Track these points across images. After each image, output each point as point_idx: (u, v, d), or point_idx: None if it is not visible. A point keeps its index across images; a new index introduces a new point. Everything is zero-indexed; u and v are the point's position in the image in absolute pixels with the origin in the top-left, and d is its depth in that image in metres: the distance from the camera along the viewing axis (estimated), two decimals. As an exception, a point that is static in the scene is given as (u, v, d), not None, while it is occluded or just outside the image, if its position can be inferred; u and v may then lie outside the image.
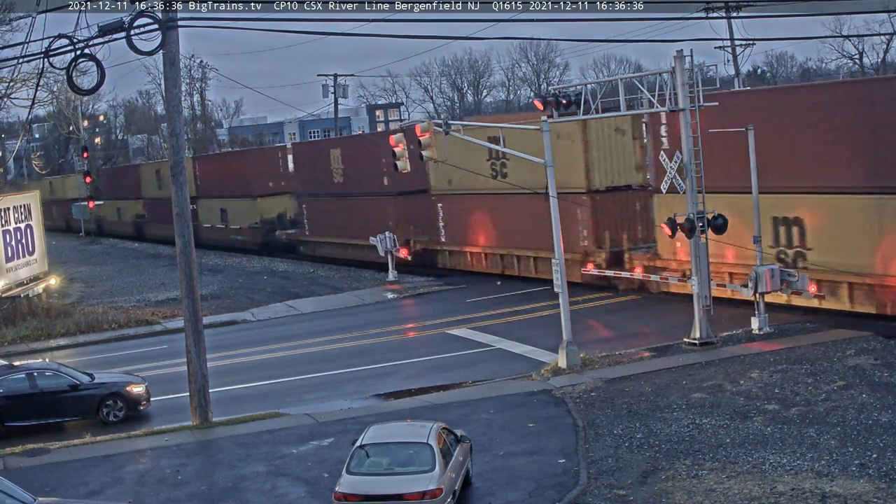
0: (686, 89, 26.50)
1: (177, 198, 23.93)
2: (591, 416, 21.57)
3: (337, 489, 16.09)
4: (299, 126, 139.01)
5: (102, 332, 37.91)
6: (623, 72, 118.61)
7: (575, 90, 29.13)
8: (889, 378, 22.16)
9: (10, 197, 45.90)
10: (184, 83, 69.44)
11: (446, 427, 17.60)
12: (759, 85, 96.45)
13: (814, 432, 19.05)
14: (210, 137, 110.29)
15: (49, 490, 19.20)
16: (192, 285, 23.88)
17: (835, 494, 15.89)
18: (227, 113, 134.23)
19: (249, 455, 20.90)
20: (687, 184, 26.88)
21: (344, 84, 77.70)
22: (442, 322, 34.42)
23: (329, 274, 50.23)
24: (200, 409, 23.76)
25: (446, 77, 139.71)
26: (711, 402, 21.65)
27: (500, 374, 26.44)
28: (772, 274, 27.51)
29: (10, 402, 24.48)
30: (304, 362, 30.36)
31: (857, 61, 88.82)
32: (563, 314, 26.12)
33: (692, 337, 27.02)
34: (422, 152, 28.04)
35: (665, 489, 16.91)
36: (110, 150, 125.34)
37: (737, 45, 58.51)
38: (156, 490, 19.20)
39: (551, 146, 26.37)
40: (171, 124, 23.98)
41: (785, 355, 24.93)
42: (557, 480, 17.80)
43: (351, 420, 22.79)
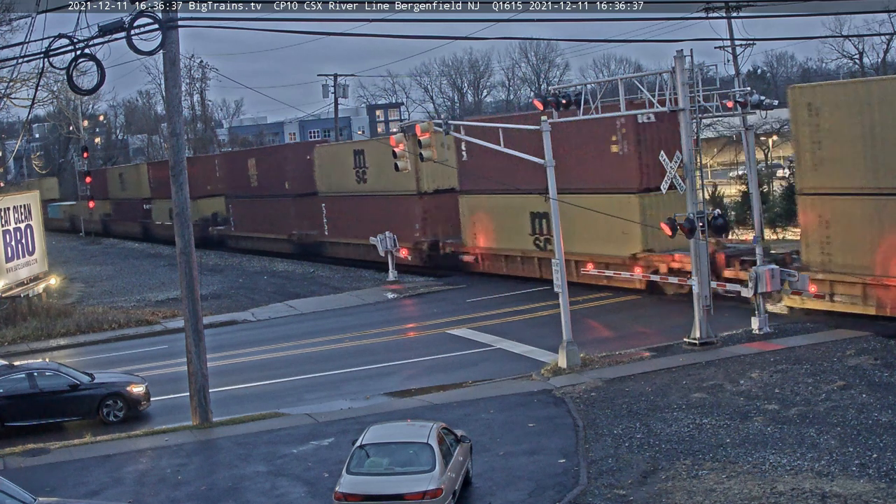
0: (686, 89, 26.51)
1: (177, 198, 23.91)
2: (591, 416, 21.57)
3: (337, 489, 16.09)
4: (299, 126, 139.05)
5: (102, 332, 37.91)
6: (623, 72, 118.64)
7: (575, 90, 29.16)
8: (889, 378, 22.17)
9: (10, 197, 45.90)
10: (184, 83, 69.81)
11: (446, 427, 17.60)
12: (759, 85, 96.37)
13: (814, 432, 19.05)
14: (210, 137, 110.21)
15: (49, 490, 19.20)
16: (192, 285, 23.88)
17: (835, 494, 15.89)
18: (227, 113, 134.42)
19: (249, 455, 20.90)
20: (687, 184, 26.89)
21: (344, 84, 77.75)
22: (442, 322, 34.43)
23: (329, 274, 50.27)
24: (200, 409, 23.75)
25: (446, 77, 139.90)
26: (711, 402, 21.66)
27: (500, 374, 26.44)
28: (772, 274, 27.53)
29: (11, 402, 24.47)
30: (304, 362, 30.36)
31: (858, 61, 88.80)
32: (564, 314, 26.12)
33: (692, 337, 27.03)
34: (421, 152, 28.29)
35: (665, 489, 16.91)
36: (110, 150, 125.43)
37: (737, 45, 58.41)
38: (156, 490, 19.20)
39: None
40: (171, 124, 23.98)
41: (785, 355, 24.94)
42: (557, 480, 17.80)
43: (351, 420, 22.79)
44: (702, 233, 26.62)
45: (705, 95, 27.68)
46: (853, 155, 27.09)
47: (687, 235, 26.76)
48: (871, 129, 26.59)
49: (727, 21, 57.02)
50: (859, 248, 27.23)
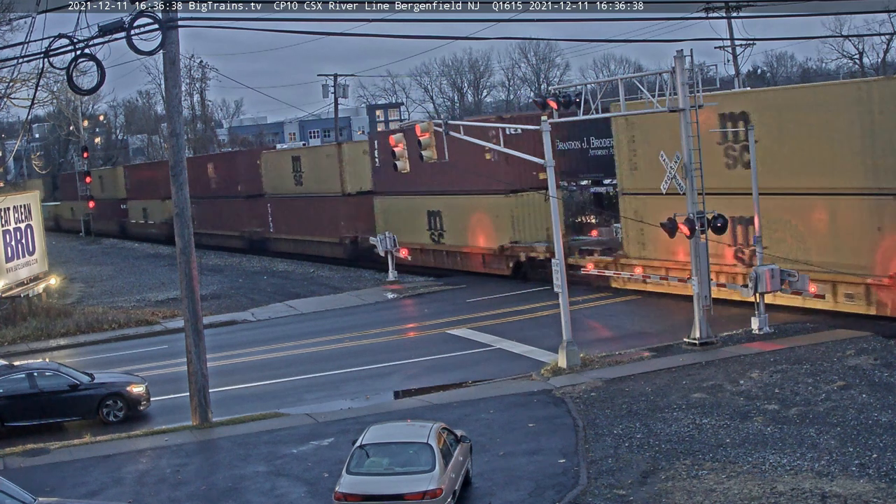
0: (686, 89, 26.51)
1: (177, 198, 23.94)
2: (591, 416, 21.57)
3: (337, 489, 16.09)
4: (299, 126, 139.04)
5: (102, 332, 37.91)
6: (623, 72, 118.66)
7: (575, 90, 29.15)
8: (889, 378, 22.17)
9: (10, 197, 45.90)
10: (184, 83, 70.16)
11: (446, 427, 17.60)
12: (760, 85, 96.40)
13: (814, 432, 19.05)
14: (210, 137, 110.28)
15: (49, 490, 19.20)
16: (192, 285, 23.88)
17: (835, 494, 15.89)
18: (227, 113, 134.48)
19: (249, 455, 20.90)
20: (687, 184, 26.89)
21: (344, 84, 77.83)
22: (442, 322, 34.43)
23: (329, 274, 50.29)
24: (200, 409, 23.75)
25: (446, 77, 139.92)
26: (711, 402, 21.66)
27: (500, 374, 26.44)
28: (772, 274, 27.52)
29: (11, 402, 24.48)
30: (304, 362, 30.36)
31: (857, 61, 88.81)
32: (563, 314, 26.12)
33: (692, 337, 27.03)
34: (422, 152, 28.28)
35: (665, 489, 16.91)
36: (110, 150, 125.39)
37: (737, 45, 58.52)
38: (156, 490, 19.20)
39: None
40: (171, 124, 23.99)
41: (785, 355, 24.93)
42: (557, 480, 17.80)
43: (351, 420, 22.79)
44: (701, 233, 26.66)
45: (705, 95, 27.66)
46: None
47: (688, 235, 26.78)
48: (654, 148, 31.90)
49: (727, 21, 57.12)
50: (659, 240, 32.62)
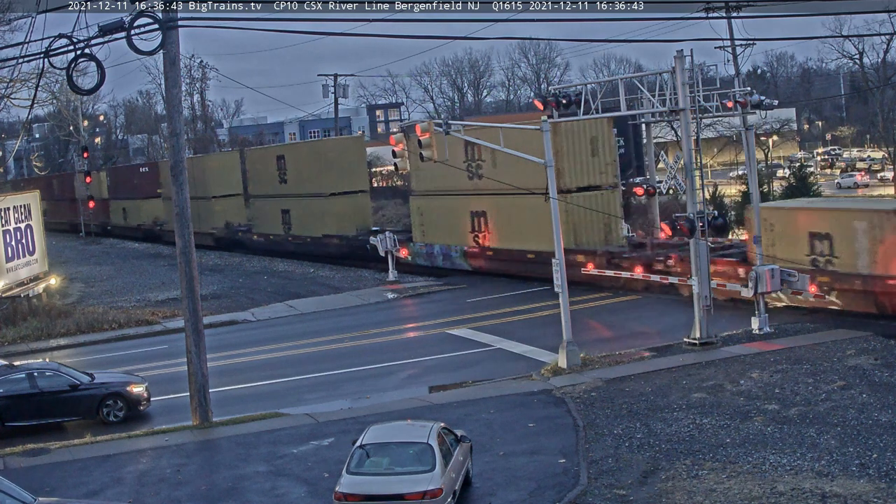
0: (686, 89, 26.51)
1: (177, 198, 23.91)
2: (592, 416, 21.57)
3: (337, 489, 16.08)
4: (299, 126, 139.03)
5: (102, 332, 37.88)
6: (623, 72, 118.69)
7: (575, 90, 29.17)
8: (889, 378, 22.18)
9: (10, 197, 45.87)
10: (184, 83, 70.18)
11: (446, 427, 17.60)
12: (759, 85, 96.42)
13: (814, 432, 19.05)
14: (210, 137, 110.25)
15: (49, 490, 19.18)
16: (192, 285, 23.87)
17: (835, 494, 15.90)
18: (227, 113, 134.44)
19: (250, 455, 20.90)
20: (687, 184, 26.90)
21: (344, 84, 77.80)
22: (442, 322, 34.43)
23: (329, 274, 50.26)
24: (201, 409, 23.74)
25: (446, 77, 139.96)
26: (711, 402, 21.66)
27: (500, 374, 26.44)
28: (772, 274, 27.53)
29: (11, 402, 24.46)
30: (304, 362, 30.35)
31: (858, 61, 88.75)
32: (564, 314, 26.12)
33: (692, 337, 27.04)
34: (422, 152, 28.24)
35: (665, 489, 16.91)
36: (110, 150, 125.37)
37: (737, 45, 58.45)
38: (156, 490, 19.19)
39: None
40: (171, 124, 23.97)
41: (785, 355, 24.94)
42: (557, 480, 17.80)
43: (351, 420, 22.78)
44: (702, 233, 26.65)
45: (705, 95, 27.71)
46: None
47: (688, 235, 26.78)
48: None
49: (727, 21, 57.06)
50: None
